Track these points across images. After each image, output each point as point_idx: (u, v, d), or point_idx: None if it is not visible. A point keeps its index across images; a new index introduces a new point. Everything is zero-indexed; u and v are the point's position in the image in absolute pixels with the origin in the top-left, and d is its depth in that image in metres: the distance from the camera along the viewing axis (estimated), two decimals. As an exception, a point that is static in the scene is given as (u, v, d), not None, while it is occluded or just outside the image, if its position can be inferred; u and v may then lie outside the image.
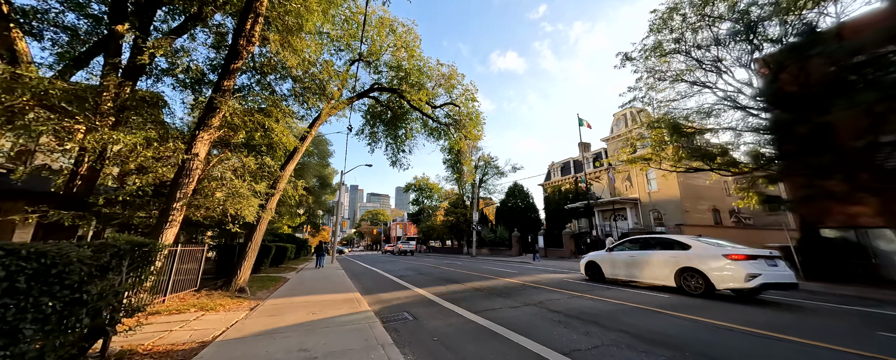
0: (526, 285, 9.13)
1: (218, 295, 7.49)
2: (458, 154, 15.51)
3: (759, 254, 7.07)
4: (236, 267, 8.47)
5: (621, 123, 34.48)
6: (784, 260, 7.50)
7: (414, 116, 14.75)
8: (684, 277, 7.53)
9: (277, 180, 9.45)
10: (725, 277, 6.85)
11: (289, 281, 11.47)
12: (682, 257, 7.68)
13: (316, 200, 37.17)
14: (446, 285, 9.78)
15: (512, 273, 12.89)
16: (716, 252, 7.24)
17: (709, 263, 7.14)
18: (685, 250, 7.81)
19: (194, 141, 7.96)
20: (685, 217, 23.96)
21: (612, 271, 9.50)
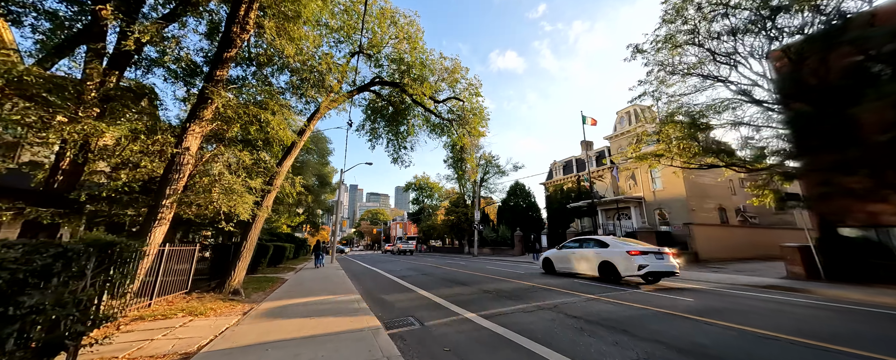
0: (535, 287, 8.68)
1: (210, 298, 7.03)
2: (462, 151, 15.07)
3: (649, 250, 9.36)
4: (230, 268, 8.01)
5: (625, 121, 34.05)
6: (672, 255, 9.65)
7: (416, 111, 14.29)
8: (602, 268, 9.76)
9: (274, 176, 8.98)
10: (627, 267, 9.05)
11: (287, 282, 11.01)
12: (603, 253, 9.92)
13: (315, 199, 36.70)
14: (451, 287, 9.33)
15: (518, 274, 12.44)
16: (622, 249, 9.51)
17: (617, 258, 9.43)
18: (604, 248, 10.08)
19: (185, 134, 7.50)
20: (691, 216, 23.52)
21: (560, 265, 11.52)
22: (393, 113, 14.18)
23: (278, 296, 7.91)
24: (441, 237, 49.81)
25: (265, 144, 10.09)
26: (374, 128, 14.73)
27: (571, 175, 39.44)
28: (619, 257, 9.35)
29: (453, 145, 15.03)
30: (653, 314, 5.47)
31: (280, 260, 18.85)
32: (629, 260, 9.05)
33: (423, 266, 17.61)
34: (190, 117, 7.54)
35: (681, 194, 24.78)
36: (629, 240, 10.64)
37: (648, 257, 9.10)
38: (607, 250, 9.87)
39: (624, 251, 9.37)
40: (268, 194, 8.83)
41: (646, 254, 9.15)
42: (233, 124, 8.14)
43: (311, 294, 8.12)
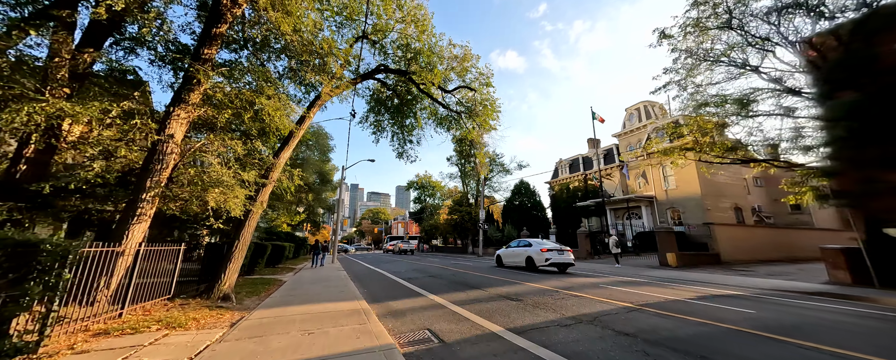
0: (561, 292, 7.79)
1: (195, 305, 6.17)
2: (470, 145, 14.18)
3: (553, 248, 13.06)
4: (220, 270, 7.14)
5: (635, 118, 33.09)
6: (571, 252, 13.49)
7: (423, 104, 13.41)
8: (527, 261, 13.63)
9: (270, 168, 8.11)
10: (539, 260, 12.88)
11: (284, 285, 10.16)
12: (528, 251, 13.77)
13: (316, 197, 35.86)
14: (465, 290, 8.46)
15: (534, 276, 11.56)
16: (538, 247, 13.29)
17: (534, 254, 13.26)
18: (529, 247, 13.89)
19: (168, 120, 6.62)
20: (707, 215, 22.60)
21: (506, 260, 15.40)
22: (398, 104, 13.29)
23: (273, 302, 7.04)
24: (443, 237, 48.98)
25: (261, 135, 9.26)
26: (378, 121, 13.84)
27: (578, 174, 38.49)
28: (535, 253, 13.32)
29: (462, 140, 14.09)
30: (724, 331, 4.58)
31: (279, 260, 18.02)
32: (541, 255, 12.97)
33: (429, 267, 16.74)
34: (174, 101, 6.68)
35: (695, 193, 23.86)
36: (546, 241, 14.35)
37: (552, 253, 12.94)
38: (530, 249, 13.81)
39: (538, 249, 13.30)
40: (263, 189, 7.96)
41: (551, 251, 13.02)
42: (224, 111, 7.28)
43: (310, 300, 7.25)
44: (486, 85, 12.90)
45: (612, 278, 10.77)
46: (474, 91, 12.06)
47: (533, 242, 14.09)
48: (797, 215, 27.75)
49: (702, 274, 12.09)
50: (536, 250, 13.25)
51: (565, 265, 13.03)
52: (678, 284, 9.52)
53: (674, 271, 13.14)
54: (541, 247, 13.16)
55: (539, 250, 13.09)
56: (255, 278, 11.69)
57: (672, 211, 25.70)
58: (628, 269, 14.41)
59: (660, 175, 26.70)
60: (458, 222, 39.54)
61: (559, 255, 12.89)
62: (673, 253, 14.94)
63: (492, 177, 42.58)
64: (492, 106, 13.04)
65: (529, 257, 13.46)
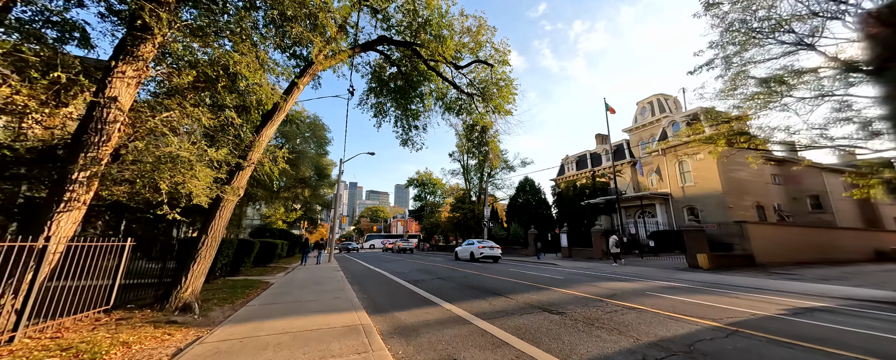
0: (606, 301, 6.33)
1: (138, 320, 4.67)
2: (482, 133, 12.74)
3: (486, 245, 18.38)
4: (179, 273, 5.64)
5: (647, 112, 31.64)
6: (499, 248, 19.30)
7: (430, 86, 11.90)
8: (471, 254, 18.71)
9: (249, 147, 6.60)
10: (476, 253, 18.26)
11: (270, 288, 8.66)
12: (472, 248, 18.99)
13: (313, 193, 34.33)
14: (486, 297, 6.99)
15: (557, 280, 10.10)
16: (478, 245, 18.61)
17: (475, 249, 18.47)
18: (473, 246, 19.06)
19: (111, 77, 5.11)
20: (729, 214, 21.20)
21: (461, 254, 20.43)
22: (403, 85, 11.77)
23: (249, 314, 5.55)
24: (444, 235, 47.54)
25: (241, 111, 7.74)
26: (379, 103, 12.33)
27: (585, 170, 37.04)
28: (475, 248, 18.71)
29: (471, 126, 12.58)
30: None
31: (270, 258, 16.51)
32: (479, 250, 18.37)
33: (434, 267, 15.26)
34: (118, 54, 5.15)
35: (715, 190, 22.44)
36: (483, 241, 19.69)
37: (486, 249, 18.34)
38: (472, 246, 19.21)
39: (477, 246, 18.69)
40: (239, 173, 6.45)
41: (485, 247, 18.47)
42: (186, 73, 5.75)
43: (296, 311, 5.76)
44: (502, 62, 11.42)
45: (650, 283, 9.31)
46: (491, 67, 10.54)
47: (475, 241, 19.96)
48: (819, 214, 26.39)
49: (745, 278, 10.66)
50: (476, 246, 19.13)
51: (495, 257, 18.94)
52: (733, 291, 8.07)
53: (710, 274, 11.70)
54: (480, 245, 19.02)
55: (478, 246, 19.00)
56: (240, 279, 10.19)
57: (689, 209, 24.30)
58: (655, 271, 12.96)
59: (676, 171, 25.27)
60: (461, 220, 38.07)
61: (490, 250, 18.82)
62: (704, 254, 13.51)
63: (495, 174, 41.15)
64: (508, 87, 11.56)
65: (472, 252, 19.20)
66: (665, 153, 25.91)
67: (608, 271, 13.15)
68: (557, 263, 18.02)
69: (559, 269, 14.34)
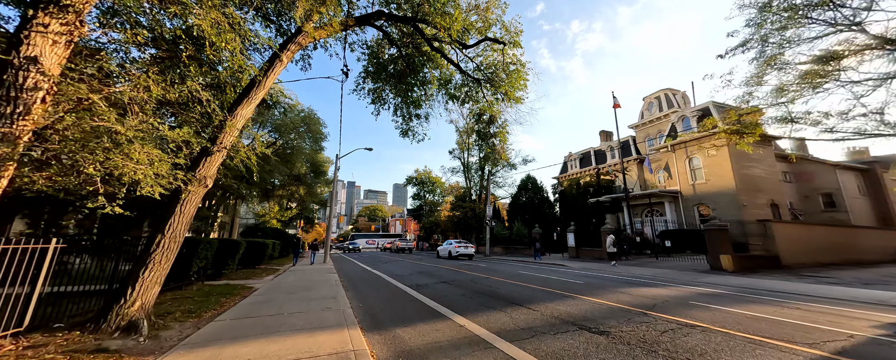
0: (652, 316, 5.27)
1: (56, 348, 3.54)
2: (488, 123, 11.68)
3: (462, 243, 22.37)
4: (126, 282, 4.51)
5: (654, 107, 30.69)
6: (473, 247, 22.92)
7: (434, 74, 10.78)
8: (448, 253, 22.31)
9: (221, 129, 5.46)
10: (453, 251, 21.83)
11: (251, 295, 7.54)
12: (449, 247, 22.67)
13: (308, 191, 33.13)
14: (503, 308, 5.91)
15: (577, 285, 9.04)
16: (454, 245, 22.40)
17: (451, 248, 22.28)
18: (451, 245, 22.59)
19: (27, 31, 3.99)
20: (742, 213, 20.26)
21: (441, 252, 23.89)
22: (403, 70, 10.65)
23: (214, 333, 4.44)
24: (444, 234, 46.50)
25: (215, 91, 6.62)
26: (377, 89, 11.21)
27: (589, 168, 36.07)
28: (452, 247, 22.07)
29: (478, 116, 11.49)
30: None
31: (259, 260, 15.35)
32: (455, 249, 21.64)
33: (437, 269, 14.17)
34: (37, 2, 4.01)
35: (729, 188, 21.48)
36: (458, 241, 23.72)
37: (461, 248, 21.71)
38: (450, 246, 22.60)
39: (454, 245, 22.20)
40: (207, 159, 5.31)
41: (459, 245, 21.96)
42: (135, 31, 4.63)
43: (275, 330, 4.66)
44: (513, 44, 10.32)
45: (685, 289, 8.26)
46: (503, 46, 9.44)
47: (452, 241, 23.53)
48: (831, 213, 25.54)
49: (782, 282, 9.66)
50: (453, 246, 22.39)
51: (469, 255, 21.96)
52: (787, 300, 7.04)
53: (739, 278, 10.69)
54: (456, 244, 22.39)
55: (455, 246, 22.24)
56: (218, 285, 9.05)
57: (700, 207, 23.33)
58: (677, 273, 11.94)
59: (686, 168, 24.30)
60: (461, 219, 37.02)
61: (464, 249, 21.97)
62: (729, 256, 12.51)
63: (497, 172, 40.19)
64: (519, 72, 10.45)
65: (450, 250, 22.40)
66: (675, 150, 24.95)
67: (624, 273, 12.12)
68: (566, 264, 16.99)
69: (570, 270, 13.29)
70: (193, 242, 8.25)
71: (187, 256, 8.05)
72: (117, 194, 3.90)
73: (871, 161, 28.16)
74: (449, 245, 22.88)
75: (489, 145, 10.80)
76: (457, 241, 23.10)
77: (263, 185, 24.78)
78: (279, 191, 30.78)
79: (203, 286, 8.60)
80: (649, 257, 19.03)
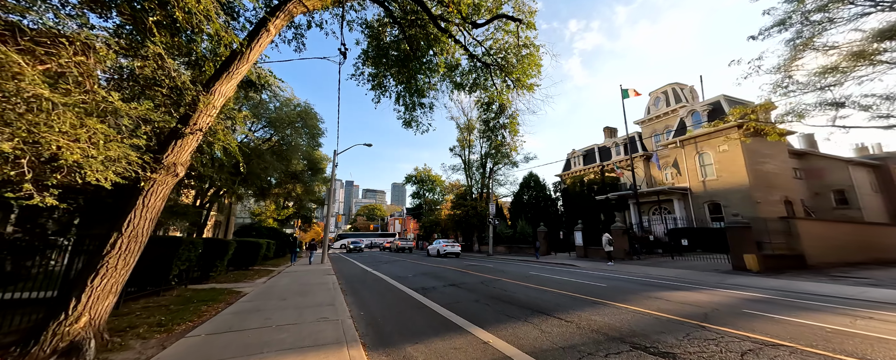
0: (709, 328, 4.45)
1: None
2: (498, 113, 10.85)
3: (449, 242, 25.67)
4: (70, 291, 3.61)
5: (661, 102, 29.89)
6: (459, 246, 26.28)
7: (440, 58, 9.91)
8: (436, 251, 25.56)
9: (193, 106, 4.57)
10: (441, 250, 24.77)
11: (238, 302, 6.66)
12: (437, 245, 25.95)
13: (305, 188, 32.17)
14: (529, 318, 5.07)
15: (601, 288, 8.22)
16: (442, 244, 25.55)
17: (440, 247, 25.16)
18: (438, 244, 25.84)
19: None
20: (757, 209, 19.51)
21: (430, 251, 27.11)
22: (406, 55, 9.77)
23: (182, 354, 3.57)
24: (444, 234, 45.70)
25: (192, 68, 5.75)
26: (377, 74, 10.32)
27: (593, 165, 35.28)
28: (440, 246, 24.66)
29: (487, 105, 10.63)
30: None
31: (253, 260, 14.44)
32: (443, 248, 24.24)
33: (441, 271, 13.32)
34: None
35: (742, 184, 20.74)
36: (446, 241, 26.69)
37: (448, 246, 24.31)
38: (438, 245, 25.18)
39: (442, 244, 24.78)
40: (178, 142, 4.42)
41: (447, 244, 24.72)
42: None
43: (259, 348, 3.80)
44: (527, 25, 9.46)
45: (725, 294, 7.45)
46: (519, 23, 8.57)
47: (441, 241, 26.54)
48: (843, 210, 24.87)
49: (821, 285, 8.88)
50: (441, 245, 24.80)
51: (455, 253, 24.54)
52: (844, 305, 6.24)
53: (769, 279, 9.91)
54: (443, 243, 24.87)
55: (442, 245, 24.60)
56: (202, 289, 8.15)
57: (711, 204, 22.59)
58: (701, 275, 11.15)
59: (696, 164, 23.54)
60: (462, 218, 36.21)
61: (451, 248, 24.45)
62: (753, 255, 11.72)
63: (498, 169, 39.49)
64: (533, 56, 9.60)
65: (438, 249, 24.73)
66: (684, 145, 24.19)
67: (642, 274, 11.31)
68: (575, 263, 16.18)
69: (584, 271, 12.47)
70: (173, 242, 7.36)
71: (165, 257, 7.16)
72: (46, 180, 3.01)
73: (885, 157, 27.50)
74: (437, 245, 25.98)
75: (498, 137, 9.96)
76: (444, 241, 26.60)
77: (259, 182, 23.85)
78: (275, 189, 29.85)
79: (185, 291, 7.71)
80: (661, 256, 18.25)
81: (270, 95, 20.92)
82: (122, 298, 5.77)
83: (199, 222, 20.06)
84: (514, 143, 10.40)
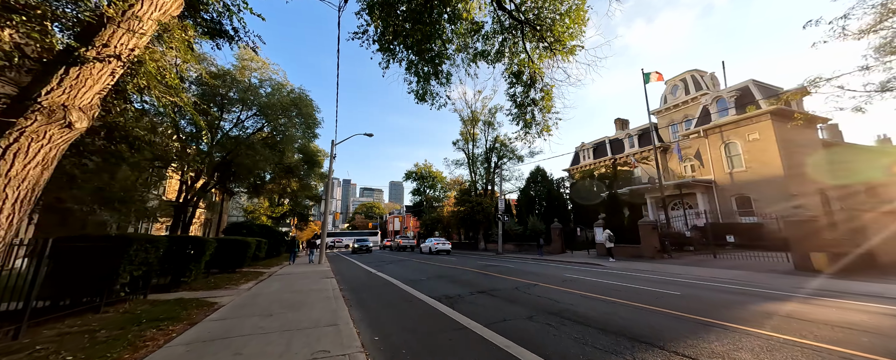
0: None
1: None
2: (528, 86, 9.08)
3: (440, 241, 26.80)
4: None
5: (679, 90, 28.21)
6: (450, 243, 27.65)
7: (460, 6, 8.07)
8: (429, 248, 26.54)
9: (103, 23, 2.73)
10: (433, 248, 25.86)
11: (204, 320, 4.86)
12: (429, 243, 27.39)
13: (301, 184, 30.29)
14: (627, 351, 3.33)
15: (672, 295, 6.52)
16: (433, 242, 26.80)
17: (431, 245, 26.38)
18: (432, 242, 27.03)
19: None
20: (794, 202, 17.89)
21: (423, 249, 29.25)
22: (419, 7, 7.91)
23: None
24: (446, 232, 44.04)
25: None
26: (383, 38, 8.45)
27: (604, 158, 33.61)
28: (432, 244, 26.39)
29: (516, 76, 8.70)
30: None
31: (240, 262, 12.56)
32: (435, 246, 25.87)
33: (458, 273, 11.56)
34: None
35: (775, 175, 19.14)
36: (437, 238, 28.65)
37: (439, 244, 25.92)
38: (431, 243, 26.67)
39: (434, 242, 26.51)
40: (73, 74, 2.59)
41: (438, 243, 26.24)
42: None
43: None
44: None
45: (860, 307, 5.76)
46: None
47: (433, 239, 28.08)
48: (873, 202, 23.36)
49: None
50: (432, 242, 26.40)
51: (446, 251, 25.75)
52: None
53: (856, 282, 8.27)
54: (434, 242, 26.43)
55: (434, 243, 26.13)
56: (164, 301, 6.32)
57: (739, 198, 21.00)
58: (767, 277, 9.50)
59: (721, 155, 21.92)
60: (467, 215, 34.50)
61: (442, 245, 25.70)
62: (823, 254, 10.09)
63: (503, 165, 37.85)
64: (580, 10, 7.80)
65: (430, 247, 26.11)
66: (708, 135, 22.57)
67: (696, 276, 9.62)
68: (602, 263, 14.51)
69: (621, 272, 10.76)
70: (119, 240, 5.53)
71: (109, 260, 5.34)
72: None
73: (916, 147, 26.03)
74: (429, 242, 27.45)
75: (527, 115, 8.36)
76: (435, 239, 28.12)
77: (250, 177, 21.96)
78: (270, 185, 27.97)
79: (139, 305, 5.90)
80: (694, 253, 16.62)
81: (260, 78, 19.03)
82: (25, 322, 3.95)
83: (184, 219, 18.18)
84: (546, 122, 8.74)
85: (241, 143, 18.49)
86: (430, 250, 26.53)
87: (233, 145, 18.28)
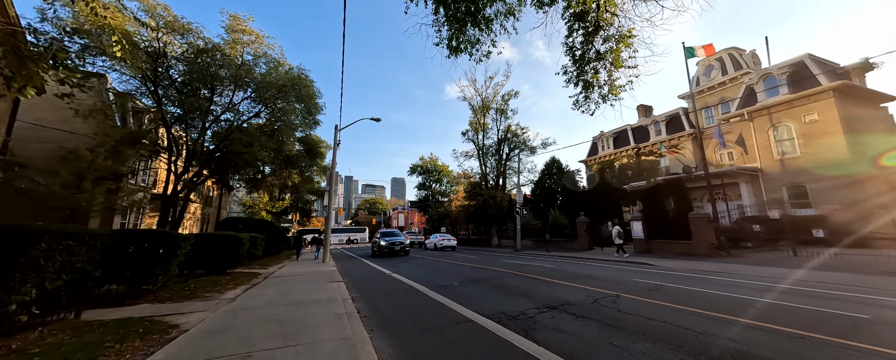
0: None
1: None
2: (591, 34, 6.72)
3: (445, 237, 26.71)
4: None
5: (714, 71, 25.74)
6: (455, 239, 27.60)
7: None
8: (433, 245, 25.80)
9: None
10: (439, 244, 25.36)
11: (175, 343, 2.84)
12: (434, 238, 26.69)
13: (302, 176, 28.29)
14: None
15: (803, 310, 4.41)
16: (438, 238, 26.29)
17: (437, 241, 25.82)
18: (436, 238, 26.52)
19: None
20: (858, 191, 15.67)
21: (429, 246, 26.83)
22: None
23: None
24: (454, 226, 42.06)
25: None
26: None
27: (626, 148, 31.26)
28: (436, 240, 25.83)
29: (578, 18, 6.26)
30: None
31: (232, 261, 10.56)
32: (440, 242, 25.40)
33: (494, 275, 9.50)
34: None
35: (839, 161, 16.82)
36: (442, 234, 28.88)
37: (445, 240, 25.78)
38: (435, 238, 26.29)
39: (439, 238, 25.98)
40: None
41: (445, 238, 26.07)
42: None
43: None
44: None
45: None
46: None
47: (437, 235, 27.92)
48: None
49: None
50: (438, 239, 26.07)
51: (452, 247, 25.92)
52: None
53: None
54: (440, 238, 26.12)
55: (439, 239, 25.95)
56: (102, 321, 4.31)
57: (791, 187, 18.72)
58: (876, 280, 7.35)
59: (769, 140, 19.59)
60: (479, 209, 32.46)
61: (448, 242, 25.89)
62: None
63: (514, 156, 35.75)
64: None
65: (435, 243, 25.67)
66: (753, 118, 20.21)
67: (796, 282, 7.49)
68: (651, 263, 12.40)
69: (684, 274, 8.65)
70: (17, 232, 3.50)
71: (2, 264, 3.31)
72: None
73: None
74: (434, 238, 26.72)
75: (590, 70, 6.50)
76: (440, 235, 27.79)
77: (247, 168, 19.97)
78: (270, 178, 26.03)
79: (61, 329, 3.89)
80: (755, 250, 14.47)
81: (254, 54, 16.91)
82: None
83: (174, 213, 16.23)
84: (614, 81, 6.82)
85: (234, 129, 16.49)
86: (435, 246, 25.63)
87: (225, 132, 16.31)
